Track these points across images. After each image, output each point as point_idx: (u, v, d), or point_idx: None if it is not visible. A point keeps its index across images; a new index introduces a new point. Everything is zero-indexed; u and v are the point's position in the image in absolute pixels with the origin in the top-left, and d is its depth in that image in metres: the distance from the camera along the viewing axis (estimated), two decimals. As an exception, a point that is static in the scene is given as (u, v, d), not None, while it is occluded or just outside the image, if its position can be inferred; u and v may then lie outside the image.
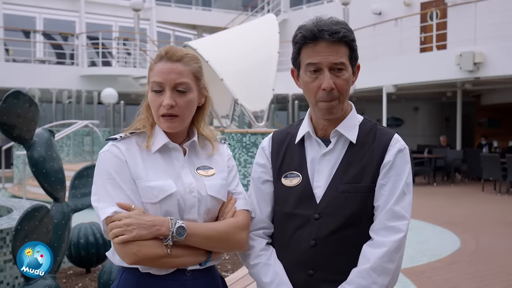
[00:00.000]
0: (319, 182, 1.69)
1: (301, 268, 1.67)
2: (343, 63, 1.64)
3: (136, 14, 18.06)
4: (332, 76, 1.63)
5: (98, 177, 1.65)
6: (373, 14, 18.20)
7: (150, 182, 1.63)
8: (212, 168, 1.76)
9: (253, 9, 23.74)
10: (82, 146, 14.97)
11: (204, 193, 1.69)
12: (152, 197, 1.62)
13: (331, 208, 1.66)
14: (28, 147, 3.42)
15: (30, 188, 11.26)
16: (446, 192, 13.27)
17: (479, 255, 6.62)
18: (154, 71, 1.68)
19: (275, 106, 17.11)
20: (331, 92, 1.64)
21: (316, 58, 1.63)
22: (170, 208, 1.63)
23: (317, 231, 1.66)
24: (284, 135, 1.84)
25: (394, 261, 1.60)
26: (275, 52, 8.14)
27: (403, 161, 1.67)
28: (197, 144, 1.77)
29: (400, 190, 1.64)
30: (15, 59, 19.02)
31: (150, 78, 1.69)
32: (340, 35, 1.62)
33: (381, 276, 1.59)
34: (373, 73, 14.30)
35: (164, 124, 1.68)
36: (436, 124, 21.54)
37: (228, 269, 4.81)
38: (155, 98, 1.67)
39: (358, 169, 1.67)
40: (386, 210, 1.62)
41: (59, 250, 3.46)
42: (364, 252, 1.62)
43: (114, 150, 1.66)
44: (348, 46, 1.65)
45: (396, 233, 1.61)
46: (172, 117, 1.67)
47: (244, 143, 7.33)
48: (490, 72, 12.73)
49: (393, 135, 1.71)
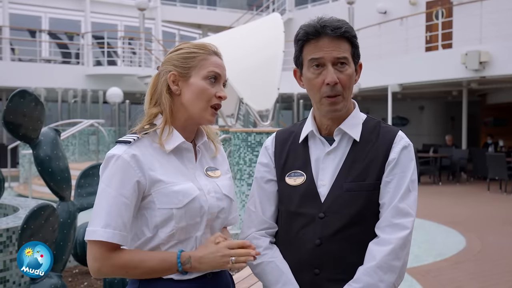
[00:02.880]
0: (324, 181, 1.69)
1: (306, 267, 1.67)
2: (346, 58, 1.64)
3: (141, 13, 18.08)
4: (336, 71, 1.63)
5: (104, 187, 1.57)
6: (378, 13, 18.17)
7: (174, 187, 1.59)
8: (218, 169, 1.75)
9: (258, 8, 23.71)
10: (88, 145, 15.00)
11: (219, 193, 1.69)
12: (178, 202, 1.58)
13: (336, 206, 1.65)
14: (34, 146, 3.43)
15: (36, 187, 11.29)
16: (452, 191, 13.23)
17: (485, 255, 6.60)
18: (210, 62, 1.67)
19: (280, 105, 17.08)
20: (335, 87, 1.63)
21: (319, 53, 1.64)
22: (194, 211, 1.60)
23: (322, 230, 1.65)
24: (287, 134, 1.83)
25: (401, 258, 1.60)
26: (280, 51, 8.13)
27: (408, 158, 1.67)
28: (207, 145, 1.76)
29: (405, 187, 1.63)
30: (21, 58, 19.08)
31: (204, 67, 1.67)
32: (342, 30, 1.62)
33: (388, 273, 1.58)
34: (378, 72, 14.28)
35: (209, 117, 1.68)
36: (442, 123, 21.48)
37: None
38: (210, 87, 1.66)
39: (363, 167, 1.66)
40: (391, 207, 1.62)
41: (65, 249, 3.47)
42: (370, 250, 1.62)
43: (127, 160, 1.57)
44: (350, 42, 1.66)
45: (401, 230, 1.61)
46: (217, 110, 1.69)
47: (249, 142, 7.32)
48: (496, 71, 12.68)
49: (397, 132, 1.71)
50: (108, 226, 1.53)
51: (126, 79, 17.96)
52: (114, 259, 1.54)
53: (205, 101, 1.66)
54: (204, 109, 1.66)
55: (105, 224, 1.53)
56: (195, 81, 1.65)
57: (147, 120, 1.67)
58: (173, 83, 1.67)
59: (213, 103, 1.67)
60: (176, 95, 1.67)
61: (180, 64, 1.67)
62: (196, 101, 1.65)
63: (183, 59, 1.67)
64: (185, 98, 1.66)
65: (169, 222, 1.58)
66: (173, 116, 1.67)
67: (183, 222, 1.59)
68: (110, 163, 1.58)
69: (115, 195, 1.54)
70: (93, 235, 1.54)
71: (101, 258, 1.54)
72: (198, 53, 1.68)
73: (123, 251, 1.57)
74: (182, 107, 1.67)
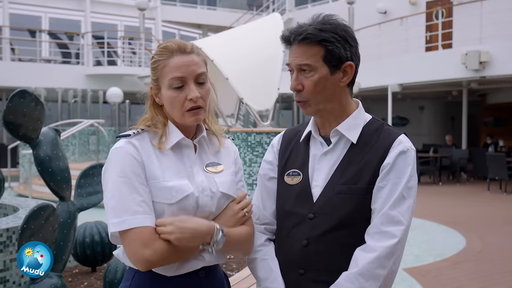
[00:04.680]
0: (318, 182, 1.68)
1: (293, 267, 1.67)
2: (308, 65, 1.62)
3: (141, 13, 18.09)
4: (302, 77, 1.64)
5: (113, 178, 1.56)
6: (378, 13, 18.17)
7: (168, 182, 1.58)
8: (220, 164, 1.73)
9: (258, 8, 23.72)
10: (88, 145, 15.00)
11: (215, 191, 1.66)
12: (170, 198, 1.57)
13: (326, 208, 1.64)
14: (34, 146, 3.43)
15: (36, 187, 11.29)
16: (452, 191, 13.23)
17: (485, 255, 6.60)
18: (169, 67, 1.60)
19: (280, 105, 17.08)
20: (299, 93, 1.65)
21: (289, 59, 1.67)
22: (186, 208, 1.59)
23: (310, 230, 1.65)
24: (294, 133, 1.84)
25: (386, 267, 1.55)
26: (280, 51, 8.14)
27: (405, 164, 1.61)
28: (207, 140, 1.74)
29: (398, 193, 1.58)
30: (21, 58, 19.09)
31: (165, 75, 1.61)
32: (301, 36, 1.61)
33: (370, 281, 1.55)
34: (378, 72, 14.28)
35: (191, 118, 1.62)
36: (442, 123, 21.48)
37: (233, 268, 4.82)
38: (177, 94, 1.60)
39: (356, 170, 1.63)
40: (381, 214, 1.58)
41: (65, 249, 3.47)
42: (355, 255, 1.59)
43: (129, 149, 1.58)
44: (321, 46, 1.61)
45: (389, 238, 1.56)
46: (198, 109, 1.62)
47: (249, 142, 7.33)
48: (496, 71, 12.69)
49: (397, 136, 1.66)
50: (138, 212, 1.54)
51: (126, 79, 17.96)
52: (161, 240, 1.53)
53: (179, 109, 1.62)
54: (181, 114, 1.63)
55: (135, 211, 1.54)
56: (164, 92, 1.63)
57: (144, 122, 1.69)
58: (155, 96, 1.67)
59: (187, 108, 1.61)
60: (162, 105, 1.68)
61: (152, 76, 1.67)
62: (172, 111, 1.64)
63: (152, 70, 1.67)
64: (166, 109, 1.67)
65: (161, 216, 1.58)
66: (170, 117, 1.68)
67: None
68: (113, 156, 1.60)
69: (124, 181, 1.55)
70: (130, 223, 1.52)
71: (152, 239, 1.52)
72: (159, 61, 1.63)
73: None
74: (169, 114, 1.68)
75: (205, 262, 1.64)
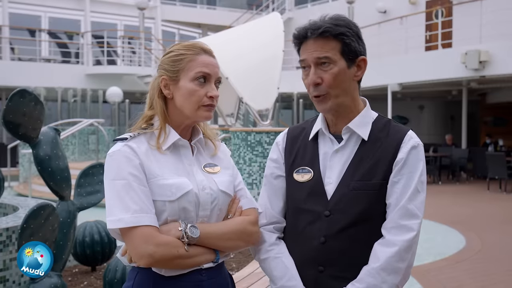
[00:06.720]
0: (331, 179, 1.69)
1: (311, 264, 1.68)
2: (327, 57, 1.63)
3: (141, 12, 18.08)
4: (320, 71, 1.64)
5: (111, 180, 1.60)
6: (378, 12, 18.16)
7: (167, 180, 1.62)
8: (217, 166, 1.77)
9: (258, 8, 23.71)
10: (88, 144, 15.01)
11: (215, 189, 1.70)
12: (170, 195, 1.60)
13: (341, 205, 1.65)
14: (33, 146, 3.43)
15: (36, 187, 11.29)
16: (452, 190, 13.23)
17: (485, 254, 6.60)
18: (197, 62, 1.67)
19: (280, 104, 17.08)
20: (318, 87, 1.65)
21: (303, 55, 1.67)
22: (187, 205, 1.62)
23: (327, 227, 1.66)
24: (299, 130, 1.85)
25: (405, 260, 1.60)
26: (280, 51, 8.13)
27: (417, 159, 1.67)
28: (203, 143, 1.78)
29: (413, 187, 1.64)
30: (20, 57, 19.08)
31: (191, 68, 1.67)
32: (320, 30, 1.62)
33: (391, 275, 1.58)
34: (378, 72, 14.26)
35: (205, 113, 1.68)
36: (442, 122, 21.49)
37: (233, 267, 4.82)
38: (199, 88, 1.67)
39: (370, 166, 1.66)
40: (398, 208, 1.62)
41: (65, 249, 3.47)
42: (375, 250, 1.62)
43: (126, 151, 1.62)
44: (338, 40, 1.64)
45: (407, 232, 1.61)
46: (212, 107, 1.69)
47: (249, 141, 7.33)
48: (496, 70, 12.68)
49: (407, 132, 1.70)
50: (140, 211, 1.56)
51: (126, 78, 17.96)
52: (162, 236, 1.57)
53: (196, 103, 1.67)
54: (195, 109, 1.68)
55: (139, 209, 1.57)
56: (183, 84, 1.67)
57: (142, 121, 1.72)
58: (165, 88, 1.70)
59: (204, 103, 1.68)
60: (169, 98, 1.70)
61: (170, 67, 1.69)
62: (187, 104, 1.68)
63: (172, 62, 1.69)
64: (177, 101, 1.69)
65: (162, 214, 1.61)
66: (169, 117, 1.71)
67: (176, 216, 1.62)
68: (110, 160, 1.63)
69: (122, 183, 1.58)
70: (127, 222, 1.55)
71: (153, 237, 1.55)
72: (185, 55, 1.69)
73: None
74: (176, 110, 1.70)
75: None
